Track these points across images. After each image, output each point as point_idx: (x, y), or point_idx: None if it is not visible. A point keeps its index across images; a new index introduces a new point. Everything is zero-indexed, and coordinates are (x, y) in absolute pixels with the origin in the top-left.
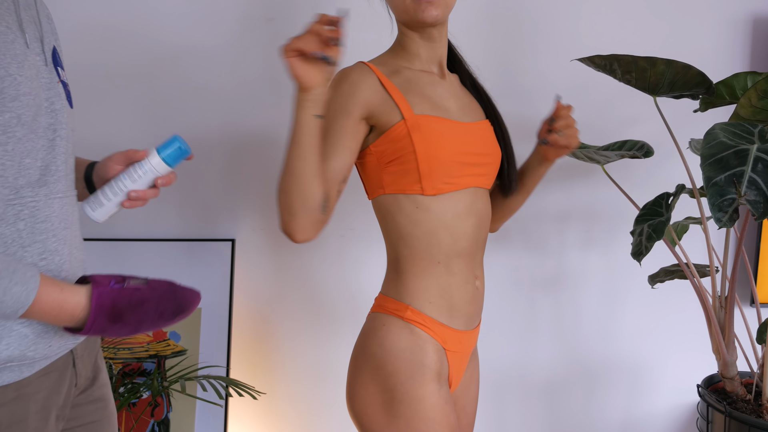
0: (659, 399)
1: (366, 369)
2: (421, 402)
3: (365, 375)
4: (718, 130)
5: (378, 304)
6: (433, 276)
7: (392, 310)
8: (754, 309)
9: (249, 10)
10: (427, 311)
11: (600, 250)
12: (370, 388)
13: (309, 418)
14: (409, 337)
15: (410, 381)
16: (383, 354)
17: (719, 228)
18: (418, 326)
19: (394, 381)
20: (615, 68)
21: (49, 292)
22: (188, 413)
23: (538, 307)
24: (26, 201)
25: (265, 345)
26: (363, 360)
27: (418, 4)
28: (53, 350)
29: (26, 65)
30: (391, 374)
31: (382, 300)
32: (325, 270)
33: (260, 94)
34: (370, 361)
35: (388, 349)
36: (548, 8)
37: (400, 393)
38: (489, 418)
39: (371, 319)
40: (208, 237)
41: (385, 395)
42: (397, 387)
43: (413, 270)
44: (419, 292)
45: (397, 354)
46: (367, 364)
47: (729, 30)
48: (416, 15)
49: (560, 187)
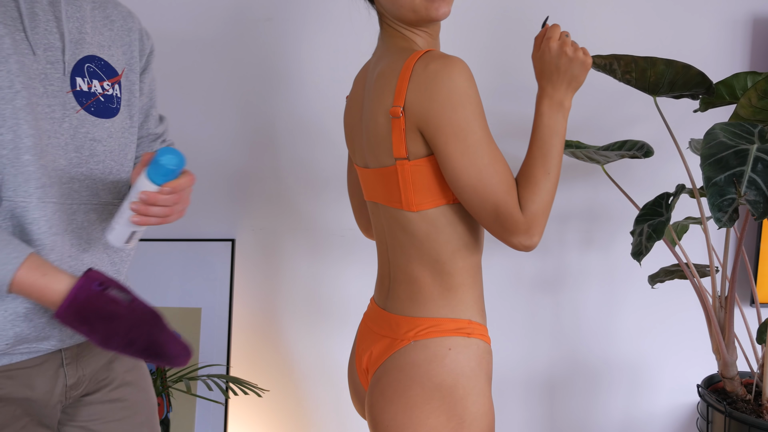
0: (659, 399)
1: (427, 404)
2: (486, 416)
3: (425, 410)
4: (718, 130)
5: (428, 329)
6: (478, 284)
7: (454, 330)
8: (754, 309)
9: (249, 10)
10: (480, 320)
11: (600, 250)
12: (433, 422)
13: (309, 417)
14: (476, 353)
15: (480, 399)
16: (454, 379)
17: (719, 228)
18: (480, 338)
19: (464, 404)
20: (615, 68)
21: (30, 275)
22: (188, 413)
23: (538, 307)
24: (18, 201)
25: (265, 345)
26: (422, 396)
27: (431, 3)
28: (25, 350)
29: (11, 62)
30: (462, 398)
31: (434, 323)
32: (325, 270)
33: (260, 94)
34: (435, 393)
35: (461, 374)
36: (548, 8)
37: (470, 414)
38: None
39: (424, 347)
40: (208, 237)
41: (452, 423)
42: (466, 409)
43: (468, 282)
44: (474, 303)
45: (469, 374)
46: (430, 398)
47: (729, 30)
48: (428, 13)
49: (560, 187)
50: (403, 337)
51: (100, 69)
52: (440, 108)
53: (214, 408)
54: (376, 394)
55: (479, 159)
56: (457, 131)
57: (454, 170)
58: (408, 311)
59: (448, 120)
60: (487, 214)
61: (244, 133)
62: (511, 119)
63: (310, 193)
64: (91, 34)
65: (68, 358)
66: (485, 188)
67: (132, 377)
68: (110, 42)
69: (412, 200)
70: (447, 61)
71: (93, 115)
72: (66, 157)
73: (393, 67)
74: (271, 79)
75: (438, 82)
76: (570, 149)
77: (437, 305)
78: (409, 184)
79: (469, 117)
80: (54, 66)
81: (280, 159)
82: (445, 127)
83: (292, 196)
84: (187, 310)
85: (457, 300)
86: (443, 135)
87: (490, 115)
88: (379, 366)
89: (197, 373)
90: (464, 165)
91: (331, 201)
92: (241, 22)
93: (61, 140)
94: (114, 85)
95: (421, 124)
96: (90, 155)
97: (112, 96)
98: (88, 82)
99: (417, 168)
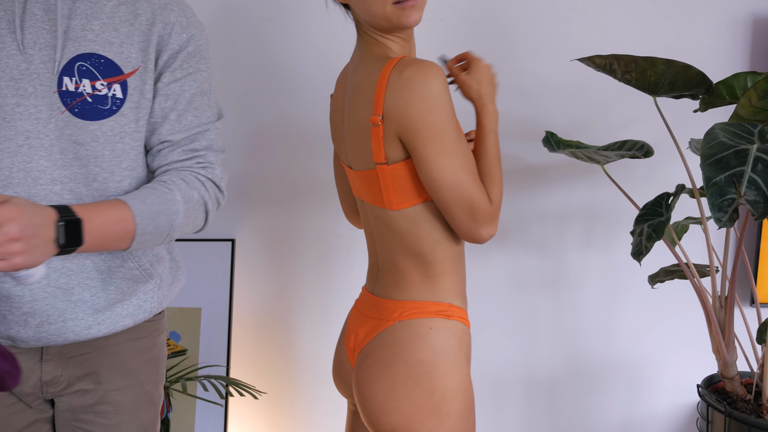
0: (659, 399)
1: (410, 378)
2: (465, 391)
3: (408, 385)
4: (718, 130)
5: (411, 311)
6: (460, 272)
7: (435, 312)
8: (754, 309)
9: (249, 10)
10: (460, 304)
11: (600, 250)
12: (416, 396)
13: (309, 417)
14: (456, 334)
15: (459, 375)
16: (434, 356)
17: (719, 228)
18: (460, 320)
19: (445, 380)
20: (615, 68)
21: None
22: (188, 413)
23: (538, 307)
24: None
25: (265, 345)
26: (405, 371)
27: (402, 10)
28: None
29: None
30: (442, 374)
31: (416, 306)
32: (325, 270)
33: (260, 94)
34: (417, 368)
35: (440, 351)
36: (548, 8)
37: (451, 390)
38: (489, 418)
39: (407, 327)
40: (208, 237)
41: (434, 398)
42: (447, 385)
43: (449, 270)
44: (454, 288)
45: (449, 352)
46: (413, 373)
47: (729, 30)
48: (400, 21)
49: (560, 187)
50: (389, 317)
51: (96, 67)
52: (417, 113)
53: (214, 408)
54: (363, 370)
55: (454, 159)
56: (434, 134)
57: (431, 171)
58: (393, 295)
59: (425, 124)
60: (461, 210)
61: (243, 133)
62: (510, 119)
63: (310, 193)
64: (98, 30)
65: (48, 356)
66: (461, 186)
67: (120, 397)
68: (126, 38)
69: (393, 200)
70: (421, 67)
71: (76, 116)
72: (49, 159)
73: (370, 78)
74: (271, 79)
75: (413, 88)
76: (570, 149)
77: (420, 290)
78: (389, 186)
79: (444, 120)
80: (46, 65)
81: (280, 159)
82: (422, 130)
83: (292, 196)
84: (187, 310)
85: (438, 286)
86: (421, 138)
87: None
88: (366, 344)
89: (197, 374)
90: (440, 165)
91: (330, 201)
92: (241, 22)
93: (45, 141)
94: (112, 85)
95: (399, 129)
96: (74, 158)
97: (105, 96)
98: (77, 82)
99: (396, 171)
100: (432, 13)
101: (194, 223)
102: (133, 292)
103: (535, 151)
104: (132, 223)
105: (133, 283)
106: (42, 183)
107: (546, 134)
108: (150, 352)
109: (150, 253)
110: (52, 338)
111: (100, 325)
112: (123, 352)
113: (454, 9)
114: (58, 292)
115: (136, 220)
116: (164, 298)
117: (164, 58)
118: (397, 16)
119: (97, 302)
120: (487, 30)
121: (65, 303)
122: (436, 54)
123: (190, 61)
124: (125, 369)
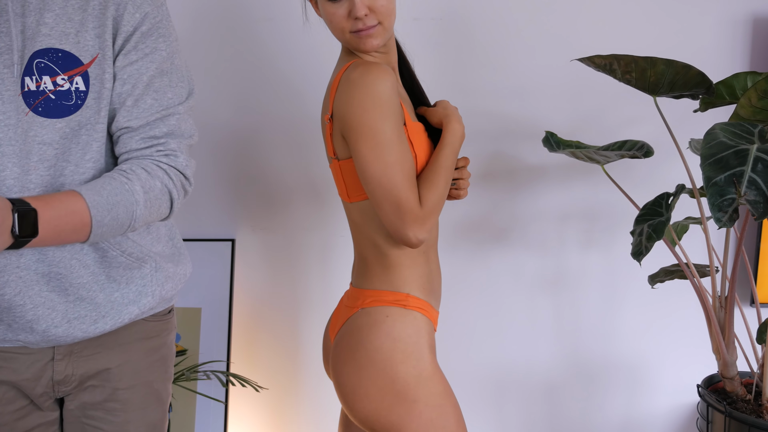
0: (659, 399)
1: (371, 365)
2: (431, 379)
3: (371, 371)
4: (718, 130)
5: (371, 299)
6: (420, 265)
7: (392, 301)
8: (754, 309)
9: (249, 10)
10: (422, 296)
11: (600, 250)
12: (379, 383)
13: (309, 416)
14: (413, 323)
15: (420, 363)
16: (392, 344)
17: (719, 228)
18: (419, 311)
19: (405, 367)
20: (615, 68)
21: None
22: (188, 412)
23: (538, 307)
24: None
25: (265, 344)
26: (366, 357)
27: (359, 39)
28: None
29: None
30: (401, 362)
31: (375, 294)
32: (325, 270)
33: (260, 94)
34: (376, 355)
35: (397, 338)
36: (548, 8)
37: (413, 377)
38: (489, 418)
39: (367, 314)
40: (208, 237)
41: (397, 385)
42: (409, 372)
43: (405, 262)
44: (414, 281)
45: (406, 340)
46: (373, 359)
47: (729, 30)
48: (358, 47)
49: (560, 187)
50: (354, 305)
51: (55, 62)
52: (354, 110)
53: (214, 407)
54: (335, 357)
55: (386, 156)
56: (366, 131)
57: (361, 165)
58: (360, 284)
59: (359, 121)
60: (388, 206)
61: (243, 132)
62: (510, 119)
63: (310, 193)
64: (52, 23)
65: (59, 355)
66: (389, 182)
67: (129, 395)
68: (80, 27)
69: (347, 192)
70: (366, 69)
71: (40, 115)
72: (19, 165)
73: (332, 78)
74: (271, 79)
75: (354, 88)
76: (570, 149)
77: (380, 279)
78: (341, 180)
79: (379, 118)
80: (10, 69)
81: (280, 159)
82: (357, 127)
83: (292, 196)
84: (187, 310)
85: (395, 276)
86: (355, 134)
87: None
88: (337, 332)
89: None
90: (369, 160)
91: (330, 201)
92: (241, 22)
93: (16, 147)
94: (74, 78)
95: (342, 126)
96: (39, 160)
97: (69, 91)
98: (37, 80)
99: (345, 166)
100: (431, 13)
101: (158, 212)
102: (129, 279)
103: (535, 151)
104: (87, 215)
105: (126, 270)
106: (15, 191)
107: (546, 134)
108: (159, 351)
109: (133, 238)
110: (61, 339)
111: (105, 318)
112: (133, 351)
113: (453, 9)
114: (54, 296)
115: (91, 212)
116: (167, 280)
117: (119, 41)
118: (356, 43)
119: (95, 297)
120: (486, 30)
121: (65, 305)
122: (435, 54)
123: (146, 41)
124: (135, 368)
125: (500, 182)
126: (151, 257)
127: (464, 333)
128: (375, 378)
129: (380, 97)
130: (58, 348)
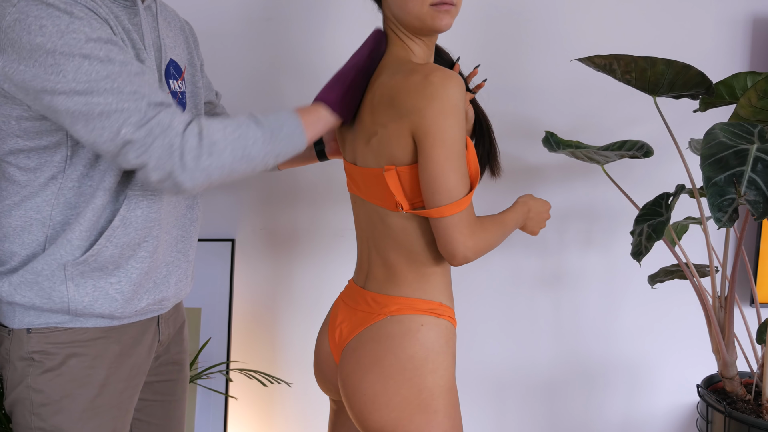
0: (659, 399)
1: (400, 374)
2: (452, 390)
3: (398, 380)
4: (717, 130)
5: (401, 306)
6: (448, 271)
7: (426, 309)
8: (754, 309)
9: (249, 10)
10: (449, 303)
11: (600, 250)
12: (405, 392)
13: (308, 416)
14: (445, 332)
15: (447, 373)
16: (425, 353)
17: (719, 228)
18: (449, 319)
19: (434, 377)
20: (615, 68)
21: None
22: (188, 411)
23: (538, 307)
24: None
25: (265, 344)
26: (397, 366)
27: (437, 12)
28: (137, 316)
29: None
30: (431, 371)
31: (407, 302)
32: (325, 270)
33: (260, 95)
34: (407, 364)
35: (431, 348)
36: (548, 8)
37: (439, 387)
38: (489, 418)
39: (399, 322)
40: (208, 237)
41: (423, 394)
42: (436, 382)
43: (439, 270)
44: (444, 288)
45: (438, 350)
46: (404, 367)
47: (729, 30)
48: (433, 23)
49: (560, 187)
50: (379, 312)
51: (176, 70)
52: (433, 114)
53: (214, 406)
54: (352, 363)
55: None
56: (444, 138)
57: (434, 172)
58: (386, 290)
59: (438, 126)
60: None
61: None
62: (510, 119)
63: (310, 193)
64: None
65: (162, 319)
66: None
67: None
68: (174, 43)
69: (401, 201)
70: (445, 74)
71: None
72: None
73: (393, 80)
74: (271, 80)
75: (434, 92)
76: (570, 149)
77: (412, 287)
78: (398, 187)
79: (455, 127)
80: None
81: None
82: (434, 132)
83: (292, 196)
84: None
85: (429, 284)
86: (431, 138)
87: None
88: (354, 337)
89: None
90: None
91: (331, 201)
92: (241, 22)
93: None
94: (182, 83)
95: (414, 129)
96: None
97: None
98: (172, 82)
99: (402, 174)
100: None
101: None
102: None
103: (535, 151)
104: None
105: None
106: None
107: (546, 134)
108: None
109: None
110: (181, 293)
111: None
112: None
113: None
114: (180, 256)
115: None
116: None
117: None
118: (431, 18)
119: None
120: (486, 30)
121: (187, 264)
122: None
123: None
124: (184, 336)
125: (500, 182)
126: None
127: (464, 333)
128: (401, 387)
129: (458, 106)
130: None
